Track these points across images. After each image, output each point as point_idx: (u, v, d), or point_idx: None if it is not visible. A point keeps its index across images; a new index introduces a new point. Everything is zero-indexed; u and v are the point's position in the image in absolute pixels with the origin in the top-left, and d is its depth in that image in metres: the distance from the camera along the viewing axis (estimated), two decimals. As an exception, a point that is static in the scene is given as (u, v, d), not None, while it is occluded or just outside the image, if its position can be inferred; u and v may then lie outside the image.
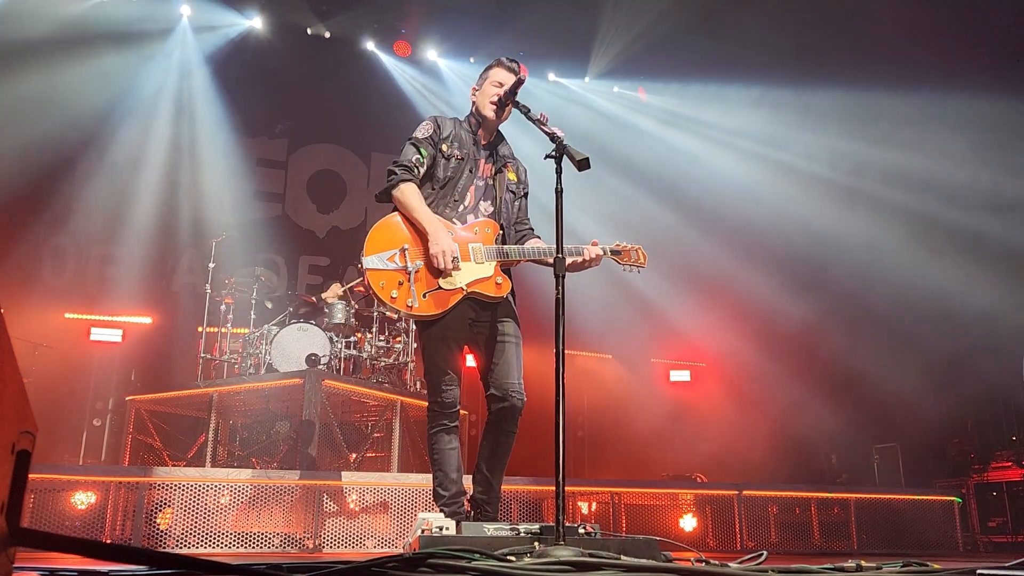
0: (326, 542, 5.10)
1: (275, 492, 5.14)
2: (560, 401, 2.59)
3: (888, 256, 8.60)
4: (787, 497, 6.60)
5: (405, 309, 3.16)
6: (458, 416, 3.35)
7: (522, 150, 3.71)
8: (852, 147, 9.19)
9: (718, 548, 6.20)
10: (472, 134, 3.49)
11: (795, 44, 8.67)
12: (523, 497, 5.75)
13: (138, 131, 10.05)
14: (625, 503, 6.20)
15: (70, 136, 9.38)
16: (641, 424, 9.75)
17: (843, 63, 8.65)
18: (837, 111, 9.06)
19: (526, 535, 2.72)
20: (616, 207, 10.16)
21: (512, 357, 3.30)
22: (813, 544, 6.43)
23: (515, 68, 3.42)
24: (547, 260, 3.29)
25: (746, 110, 9.80)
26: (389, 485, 5.38)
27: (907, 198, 8.71)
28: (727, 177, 10.14)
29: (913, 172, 8.66)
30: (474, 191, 3.42)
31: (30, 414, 1.32)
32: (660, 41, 9.51)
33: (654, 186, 10.28)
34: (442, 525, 2.78)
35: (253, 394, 6.56)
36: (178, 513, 4.95)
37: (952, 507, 6.89)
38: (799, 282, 9.38)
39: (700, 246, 10.05)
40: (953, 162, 8.38)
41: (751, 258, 9.75)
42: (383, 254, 3.20)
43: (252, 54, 9.86)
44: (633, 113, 10.97)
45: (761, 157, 9.97)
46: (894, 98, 8.57)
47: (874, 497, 6.80)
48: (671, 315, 9.99)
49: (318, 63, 10.24)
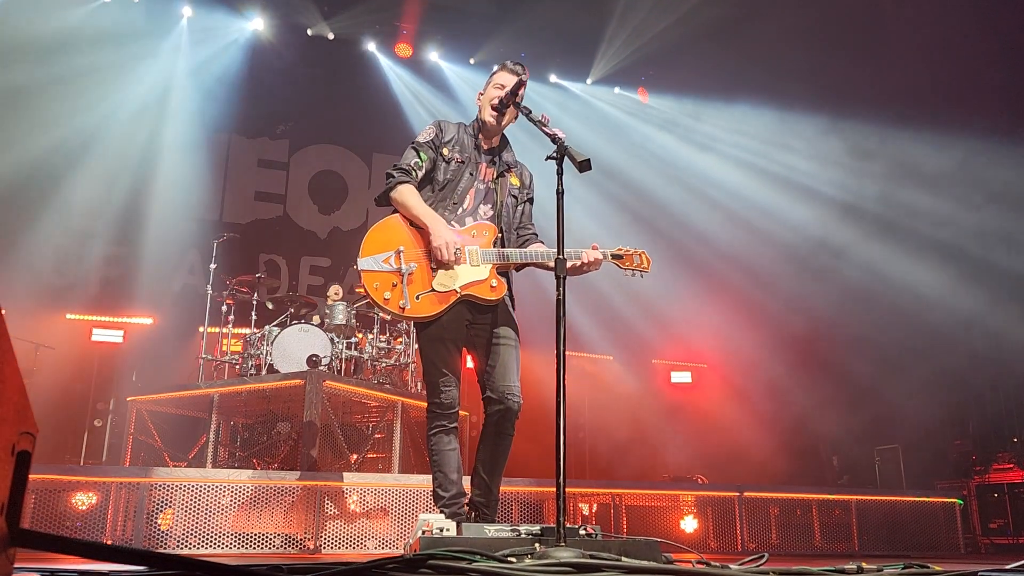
0: (327, 543, 5.10)
1: (276, 493, 5.14)
2: (561, 402, 2.59)
3: (892, 260, 8.58)
4: (788, 499, 6.60)
5: (397, 310, 3.17)
6: (458, 417, 3.35)
7: (533, 154, 3.71)
8: (854, 163, 9.18)
9: (719, 550, 6.19)
10: (474, 138, 3.49)
11: (808, 62, 8.62)
12: (524, 498, 5.74)
13: (139, 131, 10.07)
14: (626, 504, 6.20)
15: (72, 136, 9.41)
16: (642, 425, 9.74)
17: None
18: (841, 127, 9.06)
19: (527, 536, 2.72)
20: (614, 207, 10.16)
21: (509, 360, 3.30)
22: (814, 546, 6.42)
23: (518, 71, 3.42)
24: (544, 263, 3.29)
25: (752, 117, 9.80)
26: (390, 486, 5.38)
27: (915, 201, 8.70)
28: (728, 178, 10.14)
29: (914, 175, 8.66)
30: (474, 194, 3.42)
31: (30, 415, 1.32)
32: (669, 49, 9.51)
33: (653, 186, 10.29)
34: (443, 526, 2.77)
35: (254, 395, 6.56)
36: (179, 514, 4.95)
37: (953, 509, 6.88)
38: (802, 284, 9.38)
39: (701, 247, 10.06)
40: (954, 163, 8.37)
41: (754, 260, 9.75)
42: (378, 256, 3.21)
43: (253, 55, 9.86)
44: (633, 117, 10.98)
45: (765, 159, 9.97)
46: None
47: (875, 499, 6.79)
48: (672, 316, 9.99)
49: (319, 64, 10.24)
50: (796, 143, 9.55)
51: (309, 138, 10.84)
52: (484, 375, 3.32)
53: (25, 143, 8.77)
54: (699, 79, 9.96)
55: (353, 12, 9.93)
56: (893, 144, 8.77)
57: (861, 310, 8.95)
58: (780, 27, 8.50)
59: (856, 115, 8.94)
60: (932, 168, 8.47)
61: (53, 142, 9.13)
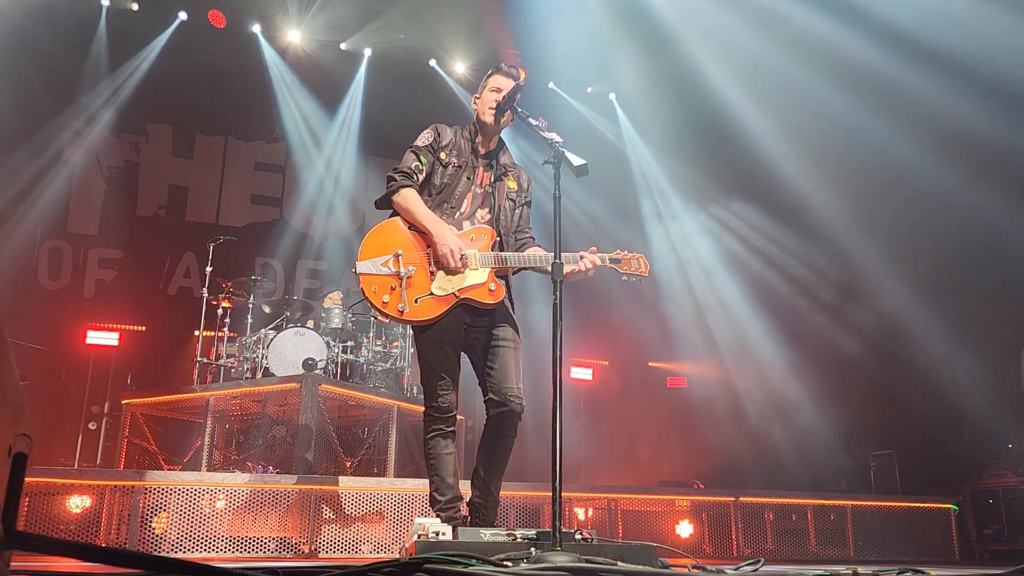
0: (322, 547, 5.08)
1: (271, 496, 5.13)
2: (557, 406, 2.59)
3: (890, 265, 8.58)
4: (784, 504, 6.60)
5: (396, 314, 3.16)
6: (455, 421, 3.34)
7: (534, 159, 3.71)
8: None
9: (715, 554, 6.20)
10: (471, 142, 3.49)
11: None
12: (520, 502, 5.74)
13: (134, 134, 10.08)
14: (622, 509, 6.20)
15: (66, 138, 9.41)
16: (638, 430, 9.75)
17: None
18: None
19: (523, 540, 2.71)
20: (609, 209, 10.18)
21: (510, 362, 3.29)
22: (809, 551, 6.43)
23: (514, 74, 3.42)
24: (542, 267, 3.29)
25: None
26: (385, 490, 5.37)
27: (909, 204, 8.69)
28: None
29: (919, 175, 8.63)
30: (471, 198, 3.42)
31: (27, 417, 1.31)
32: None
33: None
34: (439, 530, 2.77)
35: (249, 398, 6.54)
36: (173, 517, 4.93)
37: (948, 515, 6.89)
38: (798, 288, 9.40)
39: (699, 251, 10.09)
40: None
41: (749, 262, 9.77)
42: (377, 259, 3.21)
43: (252, 57, 9.85)
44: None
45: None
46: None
47: (871, 504, 6.79)
48: (668, 320, 9.99)
49: (318, 69, 10.23)
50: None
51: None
52: (485, 377, 3.32)
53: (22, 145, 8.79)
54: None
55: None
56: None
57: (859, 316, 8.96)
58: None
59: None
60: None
61: (48, 143, 9.16)
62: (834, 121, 8.44)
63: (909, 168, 7.88)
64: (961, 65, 7.24)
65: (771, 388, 9.22)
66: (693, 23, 8.74)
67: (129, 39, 9.39)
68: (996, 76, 7.17)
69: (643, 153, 10.82)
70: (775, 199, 9.20)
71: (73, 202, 9.74)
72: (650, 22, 8.87)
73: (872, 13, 7.66)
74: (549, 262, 3.02)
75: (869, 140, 8.22)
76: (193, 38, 9.51)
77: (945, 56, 7.29)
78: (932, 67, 7.46)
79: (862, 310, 8.92)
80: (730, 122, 9.01)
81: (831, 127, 8.50)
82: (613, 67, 10.21)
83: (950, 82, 7.42)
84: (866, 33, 7.80)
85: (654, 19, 8.85)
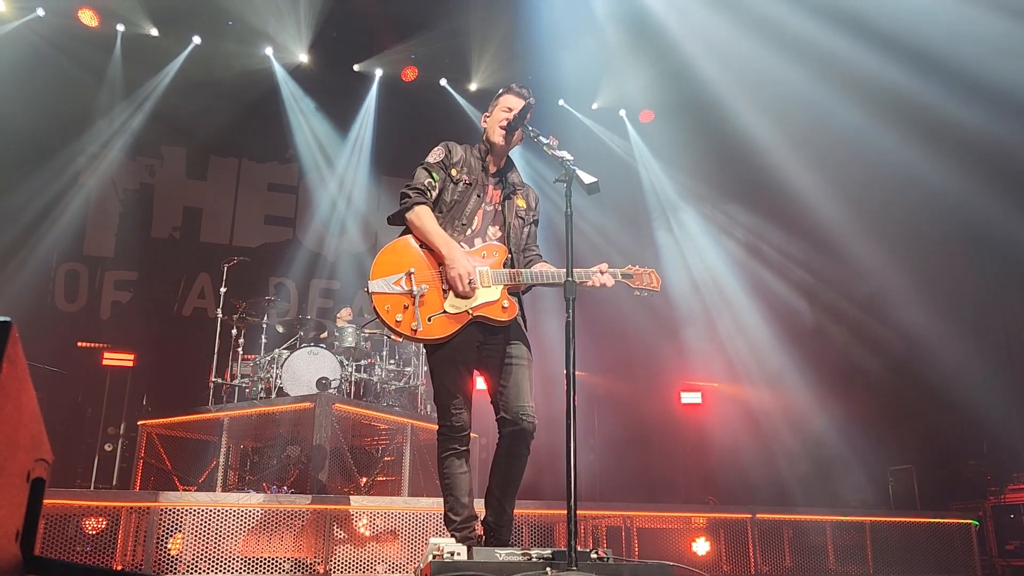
0: (336, 567, 5.07)
1: (285, 517, 5.13)
2: (571, 424, 2.58)
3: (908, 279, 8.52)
4: (801, 521, 6.52)
5: (410, 333, 3.16)
6: (468, 440, 3.34)
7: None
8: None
9: (732, 573, 6.13)
10: (481, 160, 3.51)
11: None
12: (534, 521, 5.70)
13: (150, 157, 10.19)
14: (638, 527, 6.14)
15: (82, 162, 9.52)
16: (653, 446, 9.69)
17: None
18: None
19: (538, 560, 2.70)
20: (620, 223, 10.18)
21: (522, 380, 3.29)
22: (828, 568, 6.35)
23: (524, 94, 3.45)
24: (555, 283, 3.29)
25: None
26: (400, 509, 5.36)
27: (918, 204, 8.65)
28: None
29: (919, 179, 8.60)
30: (482, 216, 3.44)
31: (45, 442, 1.33)
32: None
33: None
34: (454, 550, 2.76)
35: (264, 418, 6.55)
36: (189, 538, 4.94)
37: (969, 530, 6.79)
38: (813, 302, 9.35)
39: (709, 264, 10.06)
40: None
41: (763, 277, 9.73)
42: (389, 278, 3.21)
43: (264, 78, 9.95)
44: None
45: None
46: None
47: (890, 520, 6.71)
48: (683, 336, 9.95)
49: (328, 87, 10.32)
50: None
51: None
52: (498, 395, 3.31)
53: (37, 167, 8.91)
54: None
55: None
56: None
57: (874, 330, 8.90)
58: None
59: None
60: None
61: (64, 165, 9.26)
62: (846, 134, 8.43)
63: (939, 190, 7.82)
64: (973, 74, 7.23)
65: (789, 406, 9.14)
66: (702, 38, 8.77)
67: (144, 63, 9.51)
68: (1007, 84, 7.16)
69: (654, 168, 10.83)
70: (788, 211, 9.18)
71: (89, 225, 9.84)
72: (660, 38, 8.91)
73: (880, 24, 7.66)
74: (562, 278, 3.03)
75: (898, 161, 8.16)
76: (208, 61, 9.62)
77: (957, 65, 7.28)
78: (943, 77, 7.46)
79: (879, 324, 8.86)
80: (739, 135, 9.01)
81: (842, 139, 8.50)
82: (623, 83, 10.26)
83: (962, 91, 7.40)
84: (876, 45, 7.81)
85: (664, 35, 8.88)
